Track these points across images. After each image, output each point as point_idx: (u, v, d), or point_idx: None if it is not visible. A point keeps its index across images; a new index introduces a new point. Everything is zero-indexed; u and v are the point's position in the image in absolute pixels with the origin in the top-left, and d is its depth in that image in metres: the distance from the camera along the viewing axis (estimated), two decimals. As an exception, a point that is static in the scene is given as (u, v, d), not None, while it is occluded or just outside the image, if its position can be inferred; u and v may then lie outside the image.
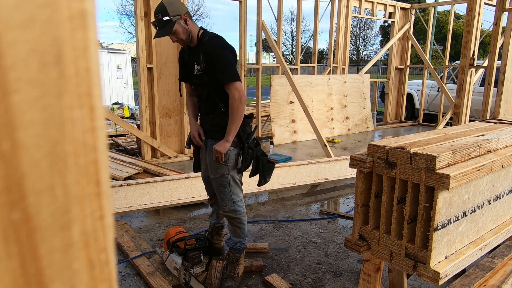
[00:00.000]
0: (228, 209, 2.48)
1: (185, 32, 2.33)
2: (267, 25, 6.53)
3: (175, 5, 2.30)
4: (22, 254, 0.25)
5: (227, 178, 2.42)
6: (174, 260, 2.48)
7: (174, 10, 2.27)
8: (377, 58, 10.03)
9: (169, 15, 2.25)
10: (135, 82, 10.12)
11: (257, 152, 2.49)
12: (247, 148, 2.42)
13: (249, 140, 2.45)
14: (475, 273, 2.08)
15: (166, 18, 2.25)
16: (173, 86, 5.47)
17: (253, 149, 2.46)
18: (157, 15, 2.27)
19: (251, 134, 2.47)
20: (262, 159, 2.51)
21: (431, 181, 1.34)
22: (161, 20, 2.26)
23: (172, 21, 2.27)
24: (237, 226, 2.55)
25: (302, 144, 6.97)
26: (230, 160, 2.40)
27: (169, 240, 2.56)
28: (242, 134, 2.40)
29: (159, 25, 2.28)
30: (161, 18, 2.25)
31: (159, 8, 2.28)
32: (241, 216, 2.52)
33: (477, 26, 4.81)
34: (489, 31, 7.12)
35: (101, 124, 0.28)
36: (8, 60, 0.23)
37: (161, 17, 2.25)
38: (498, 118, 2.46)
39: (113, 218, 0.31)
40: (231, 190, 2.45)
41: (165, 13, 2.25)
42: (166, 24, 2.27)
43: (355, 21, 34.13)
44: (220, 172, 2.41)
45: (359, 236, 1.64)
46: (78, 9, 0.26)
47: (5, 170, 0.24)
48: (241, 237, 2.58)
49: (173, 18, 2.27)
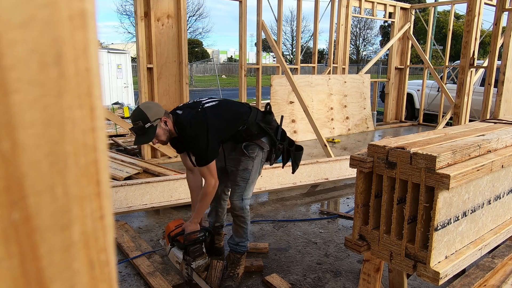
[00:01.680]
0: (235, 205, 2.52)
1: (166, 133, 2.30)
2: (267, 25, 6.52)
3: (153, 109, 2.25)
4: (22, 254, 0.25)
5: (249, 173, 2.49)
6: (176, 254, 2.47)
7: (153, 115, 2.22)
8: (377, 58, 10.03)
9: (150, 121, 2.19)
10: (135, 82, 10.12)
11: (286, 145, 2.55)
12: (278, 144, 2.50)
13: (278, 135, 2.51)
14: (475, 273, 2.08)
15: (148, 125, 2.19)
16: (173, 86, 5.47)
17: (283, 144, 2.52)
18: (137, 121, 2.20)
19: (278, 128, 2.52)
20: (291, 150, 2.58)
21: (431, 181, 1.34)
22: (142, 127, 2.19)
23: (153, 126, 2.22)
24: (240, 225, 2.56)
25: (302, 144, 6.91)
26: (257, 157, 2.48)
27: (169, 234, 2.55)
28: (271, 131, 2.47)
29: (140, 131, 2.21)
30: (142, 125, 2.19)
31: (138, 115, 2.20)
32: (245, 215, 2.54)
33: (477, 26, 4.80)
34: (489, 31, 7.12)
35: (101, 124, 0.28)
36: (8, 60, 0.23)
37: (142, 124, 2.18)
38: (498, 118, 2.46)
39: (113, 218, 0.31)
40: (246, 186, 2.50)
41: (146, 120, 2.18)
42: (148, 130, 2.21)
43: (355, 21, 34.13)
44: (244, 166, 2.48)
45: (359, 236, 1.64)
46: (78, 9, 0.26)
47: (5, 170, 0.24)
48: (243, 237, 2.59)
49: (154, 123, 2.21)
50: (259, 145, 2.49)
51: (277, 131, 2.52)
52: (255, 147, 2.49)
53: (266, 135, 2.49)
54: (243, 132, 2.43)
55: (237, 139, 2.47)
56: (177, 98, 5.49)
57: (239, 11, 6.09)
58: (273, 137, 2.49)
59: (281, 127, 2.55)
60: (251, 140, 2.47)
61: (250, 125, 2.43)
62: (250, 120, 2.43)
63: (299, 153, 2.65)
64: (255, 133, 2.45)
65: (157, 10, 5.11)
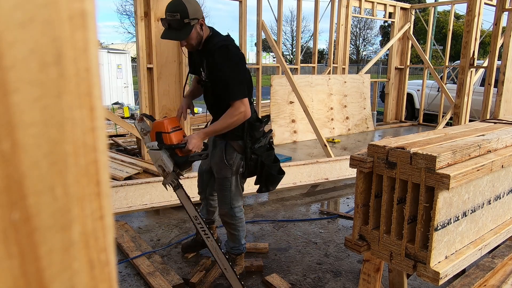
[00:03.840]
0: (224, 213, 2.41)
1: (198, 37, 2.11)
2: (267, 25, 6.52)
3: (195, 6, 2.06)
4: (22, 254, 0.25)
5: (229, 182, 2.33)
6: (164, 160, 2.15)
7: (194, 13, 2.02)
8: (377, 58, 10.03)
9: (189, 17, 1.99)
10: (135, 82, 10.13)
11: (263, 159, 2.31)
12: (250, 154, 2.27)
13: (256, 145, 2.28)
14: (475, 273, 2.08)
15: (186, 21, 1.99)
16: (173, 86, 5.47)
17: (258, 155, 2.30)
18: (174, 14, 1.99)
19: (259, 139, 2.29)
20: (268, 167, 2.32)
21: (431, 181, 1.34)
22: (179, 21, 1.98)
23: (190, 25, 2.02)
24: (231, 232, 2.49)
25: (302, 144, 6.97)
26: (235, 164, 2.31)
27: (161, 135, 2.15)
28: (249, 139, 2.26)
29: (175, 25, 2.01)
30: (180, 19, 1.98)
31: (178, 6, 2.00)
32: (236, 222, 2.44)
33: (477, 26, 4.80)
34: (489, 31, 7.12)
35: (101, 124, 0.28)
36: (8, 60, 0.23)
37: (180, 17, 1.98)
38: (498, 118, 2.46)
39: (113, 218, 0.31)
40: (231, 194, 2.36)
41: (185, 15, 1.98)
42: (184, 26, 2.01)
43: (355, 21, 34.14)
44: (223, 174, 2.33)
45: (359, 236, 1.64)
46: (78, 9, 0.26)
47: (5, 170, 0.24)
48: (236, 242, 2.53)
49: (191, 21, 2.02)
50: (236, 149, 2.28)
51: (257, 141, 2.27)
52: (233, 153, 2.29)
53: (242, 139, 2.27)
54: None
55: None
56: (177, 98, 5.49)
57: (239, 11, 6.09)
58: (246, 143, 2.23)
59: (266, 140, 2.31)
60: (231, 136, 2.25)
61: None
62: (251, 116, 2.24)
63: (275, 177, 2.35)
64: (240, 127, 2.21)
65: (157, 10, 5.11)
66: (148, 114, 2.25)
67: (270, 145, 2.41)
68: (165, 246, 3.01)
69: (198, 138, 2.13)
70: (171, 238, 3.17)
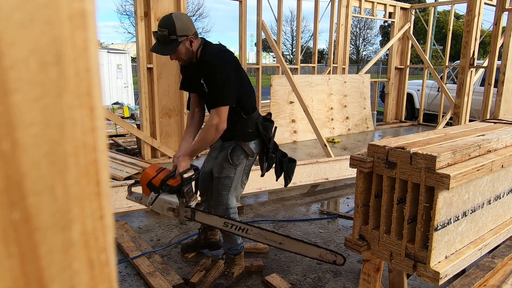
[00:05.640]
0: (219, 213, 2.40)
1: (188, 53, 2.15)
2: (267, 25, 6.52)
3: (185, 24, 2.10)
4: (22, 254, 0.25)
5: (230, 181, 2.35)
6: (168, 200, 2.17)
7: (182, 30, 2.07)
8: (377, 58, 10.03)
9: (176, 34, 2.04)
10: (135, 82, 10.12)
11: (279, 155, 2.46)
12: (271, 153, 2.39)
13: (271, 144, 2.39)
14: (475, 273, 2.08)
15: (173, 37, 2.04)
16: (173, 86, 5.47)
17: (275, 153, 2.42)
18: (163, 29, 2.05)
19: (272, 138, 2.42)
20: (284, 161, 2.47)
21: (431, 181, 1.34)
22: (167, 37, 2.04)
23: (177, 41, 2.07)
24: (226, 234, 2.48)
25: (302, 144, 6.97)
26: (241, 165, 2.34)
27: (151, 181, 2.18)
28: (265, 138, 2.35)
29: (163, 40, 2.07)
30: (167, 35, 2.03)
31: (167, 23, 2.06)
32: None
33: (477, 26, 4.80)
34: (489, 31, 7.12)
35: (101, 124, 0.28)
36: (8, 60, 0.23)
37: (167, 33, 2.03)
38: (498, 118, 2.46)
39: (113, 218, 0.31)
40: (229, 195, 2.38)
41: (172, 31, 2.03)
42: (171, 42, 2.06)
43: (355, 21, 34.14)
44: (226, 174, 2.34)
45: (359, 236, 1.64)
46: (78, 9, 0.26)
47: (5, 170, 0.24)
48: (232, 243, 2.52)
49: (179, 38, 2.06)
50: (246, 151, 2.34)
51: (270, 140, 2.40)
52: (241, 154, 2.33)
53: (258, 139, 2.36)
54: (239, 123, 2.28)
55: (230, 131, 2.27)
56: (177, 98, 5.50)
57: (239, 11, 6.09)
58: (267, 143, 2.35)
59: (273, 139, 2.43)
60: (240, 138, 2.32)
61: (250, 120, 2.31)
62: (253, 115, 2.33)
63: (292, 165, 2.53)
64: (249, 131, 2.31)
65: (157, 10, 5.11)
66: (132, 183, 2.31)
67: (275, 143, 2.52)
68: (165, 246, 3.01)
69: (184, 160, 2.20)
70: (171, 238, 3.17)
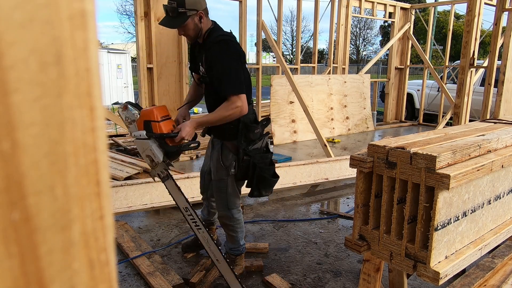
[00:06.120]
0: (221, 214, 2.41)
1: (196, 29, 2.12)
2: (267, 25, 6.52)
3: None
4: (22, 254, 0.25)
5: (225, 183, 2.32)
6: (154, 151, 2.07)
7: (192, 4, 2.04)
8: (377, 58, 10.03)
9: (185, 7, 2.02)
10: (135, 82, 10.12)
11: (255, 160, 2.23)
12: (243, 155, 2.21)
13: (250, 147, 2.22)
14: (475, 273, 2.08)
15: (181, 10, 2.01)
16: (173, 86, 5.47)
17: (250, 157, 2.22)
18: (172, 1, 2.03)
19: (254, 141, 2.23)
20: (261, 169, 2.23)
21: (431, 181, 1.34)
22: (175, 9, 2.02)
23: (186, 15, 2.04)
24: (230, 234, 2.49)
25: (302, 144, 6.96)
26: (231, 166, 2.29)
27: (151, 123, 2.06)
28: (244, 140, 2.21)
29: (171, 13, 2.04)
30: (176, 7, 2.01)
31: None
32: (234, 224, 2.43)
33: (477, 26, 4.80)
34: (489, 31, 7.12)
35: (101, 124, 0.28)
36: (8, 60, 0.23)
37: (176, 6, 2.01)
38: (498, 118, 2.46)
39: (113, 218, 0.31)
40: (228, 196, 2.34)
41: (181, 4, 2.01)
42: (178, 15, 2.03)
43: (355, 21, 34.13)
44: (219, 176, 2.32)
45: (359, 236, 1.64)
46: (78, 9, 0.26)
47: (5, 170, 0.24)
48: (235, 243, 2.53)
49: (188, 11, 2.04)
50: (231, 151, 2.26)
51: (251, 143, 2.21)
52: (228, 154, 2.27)
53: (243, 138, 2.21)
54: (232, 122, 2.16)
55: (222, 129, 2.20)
56: (177, 98, 5.49)
57: (239, 11, 6.09)
58: (239, 144, 2.17)
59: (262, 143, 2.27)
60: (226, 137, 2.24)
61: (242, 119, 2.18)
62: (248, 116, 2.20)
63: (268, 180, 2.27)
64: (231, 126, 2.18)
65: (157, 10, 5.11)
66: (133, 102, 2.20)
67: (266, 147, 2.36)
68: (165, 246, 3.01)
69: (191, 126, 2.09)
70: (171, 238, 3.17)
